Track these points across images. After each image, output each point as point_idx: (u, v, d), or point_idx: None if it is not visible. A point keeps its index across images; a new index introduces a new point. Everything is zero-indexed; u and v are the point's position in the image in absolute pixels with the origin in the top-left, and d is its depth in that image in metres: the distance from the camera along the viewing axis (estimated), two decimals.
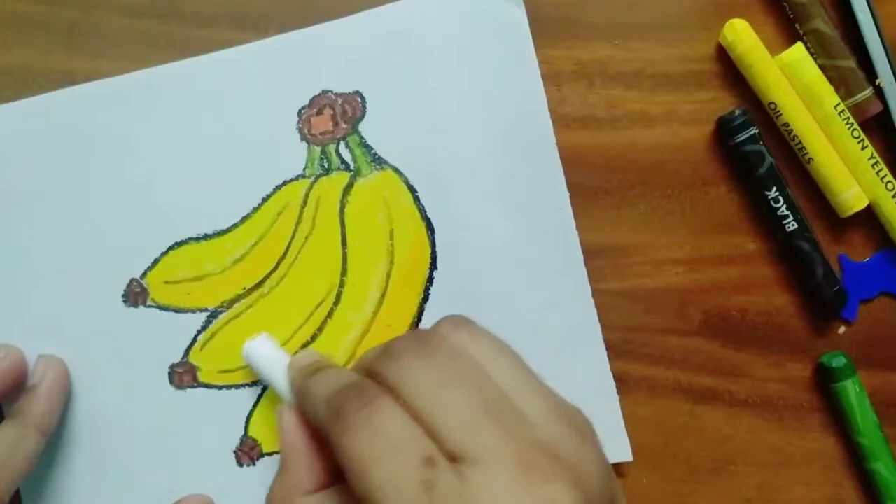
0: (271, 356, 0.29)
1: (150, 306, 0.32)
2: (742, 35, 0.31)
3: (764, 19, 0.32)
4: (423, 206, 0.32)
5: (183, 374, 0.32)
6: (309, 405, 0.25)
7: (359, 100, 0.31)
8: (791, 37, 0.32)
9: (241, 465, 0.32)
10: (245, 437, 0.32)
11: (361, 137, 0.32)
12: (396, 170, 0.32)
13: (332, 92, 0.31)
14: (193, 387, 0.32)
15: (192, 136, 0.31)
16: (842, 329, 0.33)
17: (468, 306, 0.31)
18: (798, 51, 0.31)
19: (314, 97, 0.31)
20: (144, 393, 0.32)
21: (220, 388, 0.32)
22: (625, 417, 0.32)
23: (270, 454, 0.32)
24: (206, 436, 0.32)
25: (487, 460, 0.19)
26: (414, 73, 0.31)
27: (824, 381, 0.33)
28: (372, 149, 0.32)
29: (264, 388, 0.32)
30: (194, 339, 0.32)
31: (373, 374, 0.23)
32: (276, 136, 0.31)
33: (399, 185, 0.32)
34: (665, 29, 0.32)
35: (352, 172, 0.32)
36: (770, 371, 0.33)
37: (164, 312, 0.32)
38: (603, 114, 0.32)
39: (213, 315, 0.32)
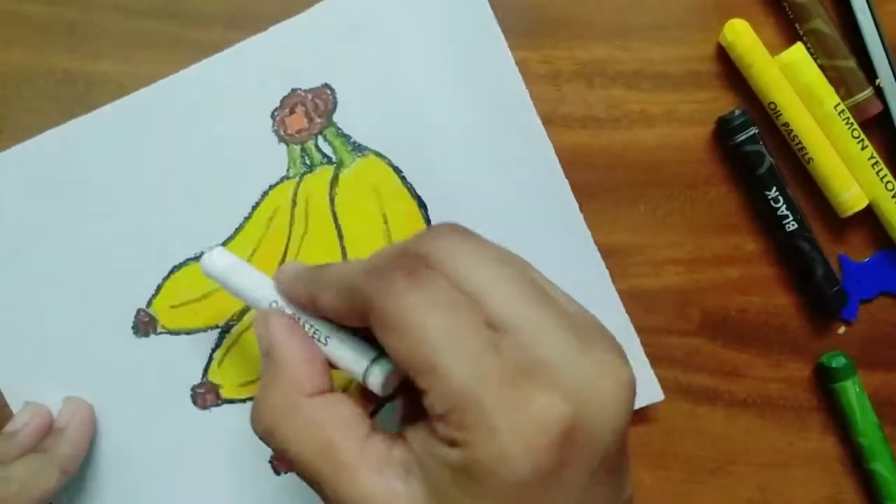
0: (235, 268, 0.27)
1: (160, 333, 0.32)
2: (742, 35, 0.31)
3: (764, 19, 0.32)
4: (411, 185, 0.31)
5: (205, 395, 0.32)
6: (328, 287, 0.22)
7: (328, 92, 0.31)
8: (791, 37, 0.32)
9: (278, 473, 0.32)
10: None
11: (338, 128, 0.31)
12: (378, 154, 0.31)
13: (300, 89, 0.31)
14: (218, 405, 0.32)
15: (171, 159, 0.31)
16: (842, 329, 0.33)
17: None
18: (798, 51, 0.31)
19: (284, 97, 0.31)
20: (170, 420, 0.32)
21: (245, 401, 0.32)
22: None
23: None
24: (239, 452, 0.32)
25: (542, 328, 0.19)
26: (378, 55, 0.31)
27: (824, 381, 0.33)
28: (350, 137, 0.31)
29: None
30: (210, 358, 0.32)
31: (411, 253, 0.21)
32: (254, 143, 0.31)
33: (384, 168, 0.31)
34: (665, 29, 0.32)
35: (335, 164, 0.32)
36: (770, 371, 0.33)
37: (175, 337, 0.32)
38: (603, 114, 0.32)
39: (225, 330, 0.32)
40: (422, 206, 0.31)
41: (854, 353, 0.32)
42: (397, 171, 0.31)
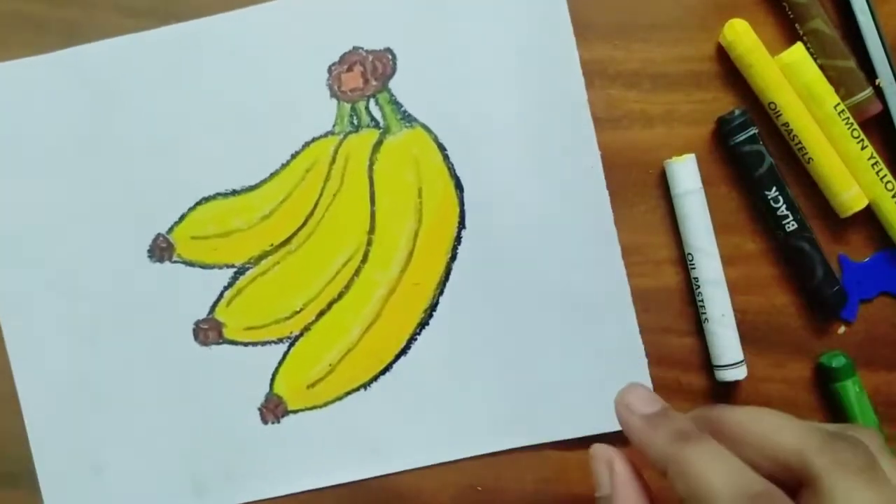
0: None
1: (175, 262, 0.31)
2: (742, 35, 0.31)
3: (764, 19, 0.32)
4: (452, 165, 0.32)
5: (208, 331, 0.32)
6: (690, 488, 0.21)
7: (389, 57, 0.31)
8: (791, 37, 0.32)
9: (265, 422, 0.32)
10: (270, 395, 0.32)
11: (391, 95, 0.31)
12: (426, 128, 0.31)
13: (362, 49, 0.31)
14: (218, 343, 0.32)
15: (222, 91, 0.31)
16: (842, 329, 0.33)
17: (495, 266, 0.31)
18: (798, 51, 0.31)
19: (345, 54, 0.31)
20: (168, 350, 0.32)
21: (246, 344, 0.32)
22: None
23: (295, 412, 0.32)
24: (230, 393, 0.32)
25: None
26: (445, 30, 0.31)
27: (824, 381, 0.33)
28: (402, 106, 0.31)
29: (290, 346, 0.32)
30: (220, 296, 0.32)
31: (793, 470, 0.21)
32: (305, 93, 0.31)
33: (429, 143, 0.31)
34: (665, 29, 0.32)
35: (381, 130, 0.32)
36: (770, 371, 0.33)
37: (189, 268, 0.31)
38: (603, 114, 0.32)
39: (240, 271, 0.32)
40: (459, 187, 0.31)
41: (854, 353, 0.32)
42: (441, 148, 0.31)
